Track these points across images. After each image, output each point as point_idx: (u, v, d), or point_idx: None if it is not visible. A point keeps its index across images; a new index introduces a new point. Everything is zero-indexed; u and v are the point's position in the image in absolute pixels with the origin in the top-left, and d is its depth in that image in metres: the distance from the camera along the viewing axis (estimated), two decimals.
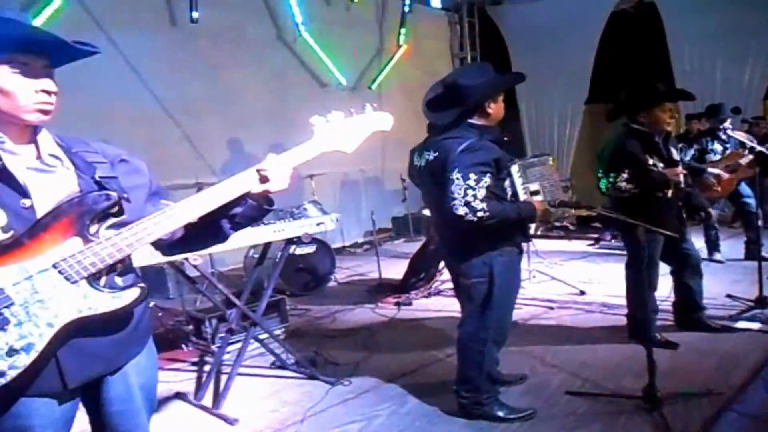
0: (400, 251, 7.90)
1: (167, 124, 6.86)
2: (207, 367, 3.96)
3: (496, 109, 2.95)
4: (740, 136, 5.92)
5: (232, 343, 3.94)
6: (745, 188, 6.14)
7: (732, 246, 6.50)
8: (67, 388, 1.57)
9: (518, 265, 3.13)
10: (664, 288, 4.22)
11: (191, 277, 3.86)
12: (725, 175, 5.95)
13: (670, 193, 3.79)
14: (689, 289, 4.15)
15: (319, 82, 8.79)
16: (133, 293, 1.60)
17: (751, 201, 6.12)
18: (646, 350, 3.03)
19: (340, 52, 8.82)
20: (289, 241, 3.85)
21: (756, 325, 4.16)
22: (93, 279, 1.55)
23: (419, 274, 5.67)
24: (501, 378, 3.34)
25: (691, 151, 6.19)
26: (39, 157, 1.59)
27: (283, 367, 3.92)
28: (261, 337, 3.95)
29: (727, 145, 6.10)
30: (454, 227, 2.88)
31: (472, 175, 2.71)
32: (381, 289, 5.84)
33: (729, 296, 4.80)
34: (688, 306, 4.18)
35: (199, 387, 3.69)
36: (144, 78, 6.49)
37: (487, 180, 2.74)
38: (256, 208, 1.76)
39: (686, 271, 4.11)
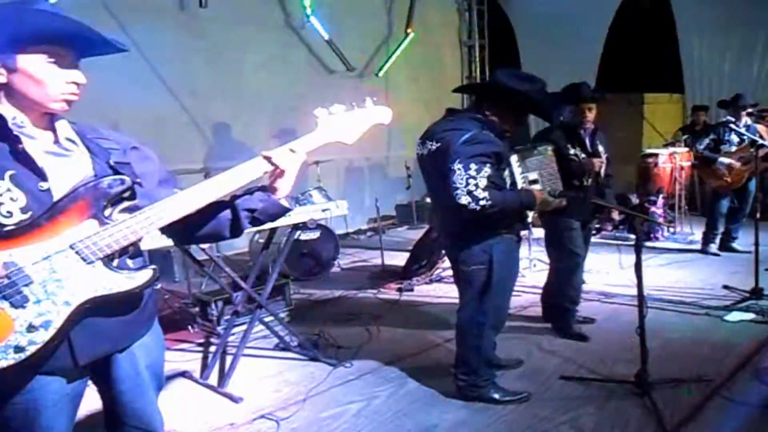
0: (403, 238, 7.98)
1: (174, 108, 6.92)
2: (212, 348, 4.08)
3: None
4: (760, 128, 5.94)
5: (238, 325, 4.04)
6: (753, 185, 6.12)
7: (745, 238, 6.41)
8: (77, 365, 1.65)
9: (516, 253, 3.21)
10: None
11: (199, 260, 3.96)
12: (737, 165, 5.97)
13: (588, 182, 3.92)
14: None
15: (327, 69, 8.82)
16: (146, 274, 1.69)
17: (750, 197, 6.14)
18: (640, 338, 3.11)
19: (348, 38, 8.84)
20: (295, 227, 3.94)
21: (749, 316, 4.24)
22: (107, 260, 1.63)
23: (421, 261, 5.75)
24: (498, 362, 3.44)
25: (706, 141, 6.16)
26: (56, 141, 1.66)
27: (286, 349, 4.03)
28: (266, 319, 4.06)
29: (744, 137, 6.07)
30: (454, 215, 2.96)
31: (473, 166, 2.78)
32: (383, 275, 5.94)
33: (726, 287, 4.88)
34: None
35: (205, 367, 3.81)
36: (152, 62, 6.55)
37: (487, 170, 2.81)
38: (275, 206, 1.84)
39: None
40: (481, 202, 2.78)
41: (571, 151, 3.92)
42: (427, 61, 10.23)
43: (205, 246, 3.47)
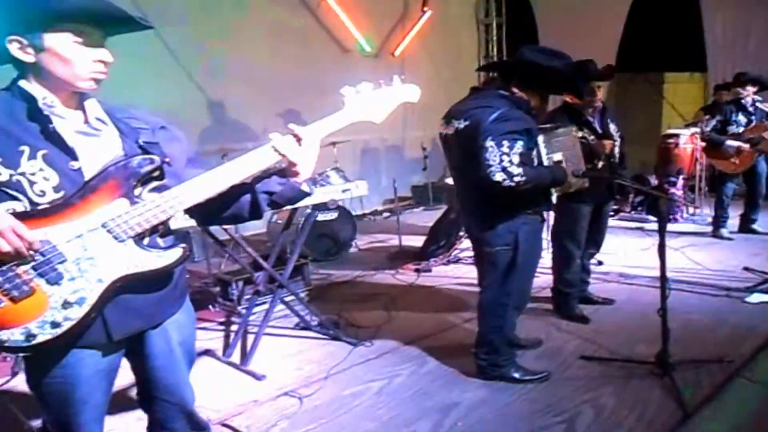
0: (420, 219, 7.99)
1: (190, 89, 6.92)
2: (234, 327, 4.13)
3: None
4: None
5: (259, 304, 4.09)
6: (763, 165, 6.06)
7: (763, 220, 6.38)
8: (111, 341, 1.69)
9: (540, 234, 3.22)
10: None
11: (220, 240, 4.00)
12: (745, 147, 5.89)
13: (600, 164, 3.86)
14: (584, 266, 4.27)
15: (342, 48, 8.77)
16: (176, 253, 1.72)
17: (762, 179, 6.07)
18: (660, 318, 3.11)
19: (364, 17, 8.78)
20: (315, 207, 3.96)
21: None
22: (138, 239, 1.66)
23: (439, 242, 5.76)
24: (518, 342, 3.46)
25: (713, 122, 6.10)
26: (86, 121, 1.69)
27: (306, 328, 4.07)
28: (286, 299, 4.09)
29: (753, 117, 5.96)
30: (482, 195, 2.96)
31: (506, 143, 2.77)
32: (401, 256, 5.95)
33: (746, 269, 4.84)
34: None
35: (227, 345, 3.86)
36: (168, 42, 6.54)
37: (519, 147, 2.80)
38: (293, 190, 1.85)
39: (588, 247, 4.20)
40: (516, 179, 2.77)
41: (579, 134, 3.82)
42: (444, 41, 10.13)
43: (227, 226, 3.50)
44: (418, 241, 6.13)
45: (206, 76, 7.08)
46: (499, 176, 2.79)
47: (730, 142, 5.92)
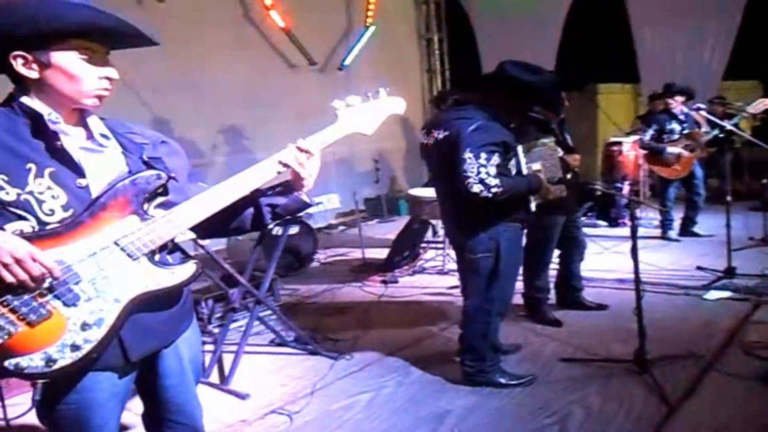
0: (377, 231, 8.00)
1: (135, 103, 6.73)
2: (208, 347, 3.99)
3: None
4: (696, 116, 6.18)
5: (233, 321, 3.97)
6: (698, 170, 6.39)
7: (704, 222, 6.62)
8: (129, 362, 1.63)
9: (521, 241, 3.28)
10: None
11: (190, 255, 3.86)
12: (686, 154, 6.21)
13: (569, 175, 3.99)
14: (571, 272, 4.41)
15: (288, 62, 8.75)
16: (190, 268, 1.68)
17: (700, 183, 6.41)
18: (637, 318, 3.22)
19: (309, 32, 8.78)
20: (287, 222, 3.90)
21: (727, 293, 4.43)
22: (151, 255, 1.61)
23: (403, 253, 5.79)
24: (500, 347, 3.50)
25: (651, 131, 6.40)
26: (90, 137, 1.64)
27: (282, 344, 4.00)
28: (260, 314, 4.00)
29: (685, 125, 6.31)
30: (462, 203, 3.00)
31: (483, 154, 2.83)
32: (365, 268, 5.94)
33: (699, 268, 5.08)
34: (570, 287, 4.43)
35: (203, 366, 3.73)
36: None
37: (496, 159, 2.87)
38: (296, 201, 1.84)
39: (572, 254, 4.36)
40: (493, 189, 2.83)
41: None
42: (388, 55, 10.25)
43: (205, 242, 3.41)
44: (379, 253, 6.14)
45: (150, 91, 6.89)
46: (476, 188, 2.85)
47: (670, 150, 6.23)
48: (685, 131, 6.28)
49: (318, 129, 1.83)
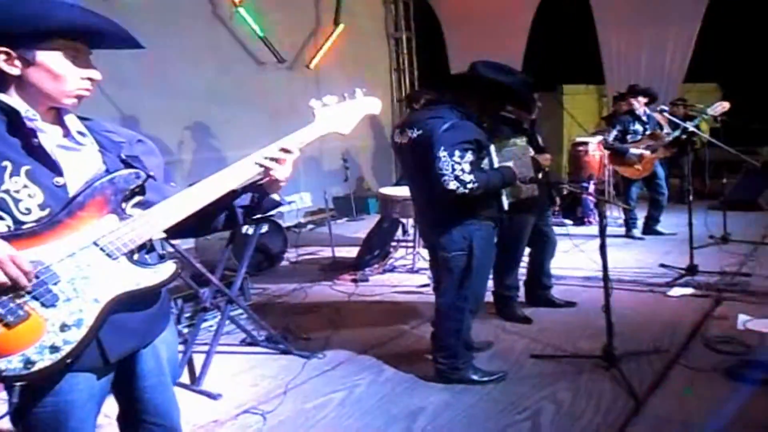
0: (346, 230, 8.00)
1: (101, 101, 6.60)
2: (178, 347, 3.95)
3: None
4: (659, 117, 6.34)
5: (203, 321, 3.94)
6: (659, 169, 6.57)
7: (666, 221, 6.78)
8: (108, 363, 1.61)
9: (493, 239, 3.32)
10: None
11: (161, 254, 3.82)
12: (648, 154, 6.37)
13: (540, 175, 4.05)
14: (541, 269, 4.50)
15: (257, 60, 8.68)
16: (170, 268, 1.67)
17: (662, 182, 6.59)
18: (605, 315, 3.30)
19: (277, 30, 8.71)
20: (258, 220, 3.88)
21: (689, 290, 4.56)
22: (130, 255, 1.60)
23: (374, 252, 5.80)
24: (472, 344, 3.54)
25: (615, 132, 6.54)
26: (67, 135, 1.62)
27: (253, 343, 3.97)
28: (231, 314, 3.97)
29: (647, 126, 6.48)
30: (436, 202, 3.03)
31: (457, 152, 2.87)
32: (336, 267, 5.94)
33: (662, 266, 5.21)
34: (538, 284, 4.52)
35: None
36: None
37: (470, 156, 2.91)
38: (268, 201, 1.85)
39: (544, 252, 4.45)
40: (469, 186, 2.87)
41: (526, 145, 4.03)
42: (357, 54, 10.25)
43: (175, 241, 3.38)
44: (349, 252, 6.14)
45: (117, 88, 6.77)
46: (452, 185, 2.88)
47: (633, 150, 6.38)
48: (648, 132, 6.44)
49: (287, 126, 1.84)
